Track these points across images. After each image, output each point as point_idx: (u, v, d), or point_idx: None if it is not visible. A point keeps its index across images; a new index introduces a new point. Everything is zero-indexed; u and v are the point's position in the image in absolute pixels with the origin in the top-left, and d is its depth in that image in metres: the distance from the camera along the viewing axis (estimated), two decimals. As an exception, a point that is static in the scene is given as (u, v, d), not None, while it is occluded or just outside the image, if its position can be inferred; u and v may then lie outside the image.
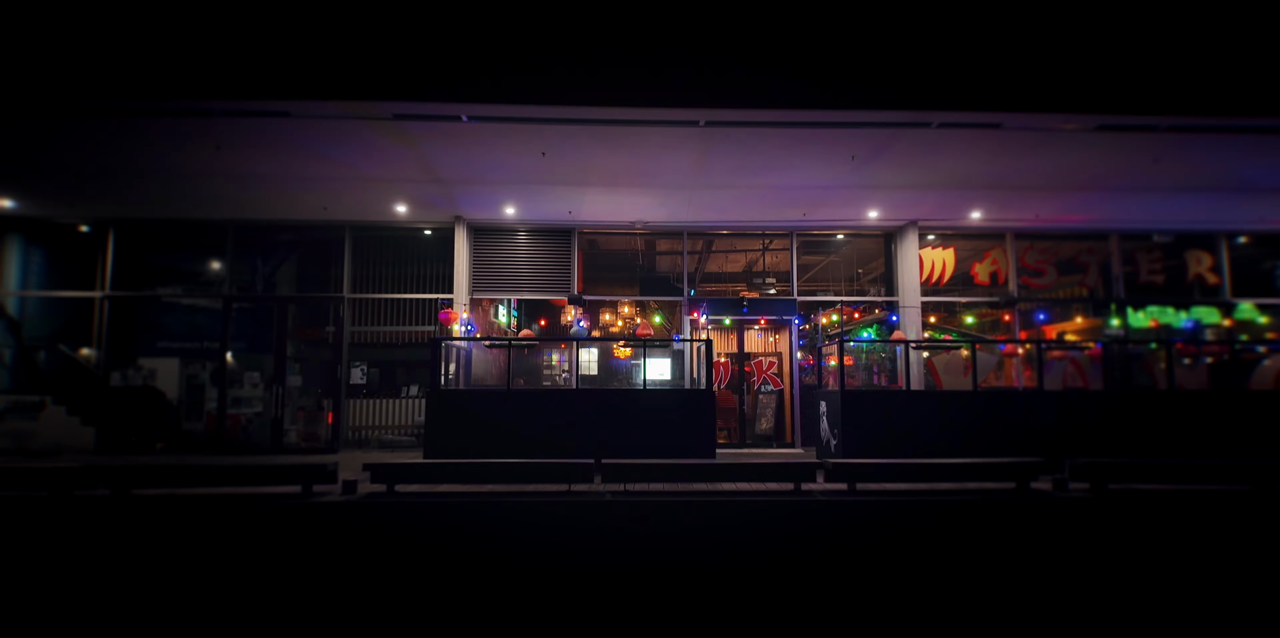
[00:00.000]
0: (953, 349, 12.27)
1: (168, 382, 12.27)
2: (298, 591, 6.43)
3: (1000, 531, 6.85)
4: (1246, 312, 12.86)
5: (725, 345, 13.55)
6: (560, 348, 13.42)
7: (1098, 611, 6.67)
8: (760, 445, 12.60)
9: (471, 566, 6.57)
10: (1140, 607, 6.69)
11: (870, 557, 6.74)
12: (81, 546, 6.46)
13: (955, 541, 6.79)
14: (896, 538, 6.79)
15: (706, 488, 7.56)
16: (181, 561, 6.47)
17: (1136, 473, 7.60)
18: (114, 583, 6.39)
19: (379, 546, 6.56)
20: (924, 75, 8.19)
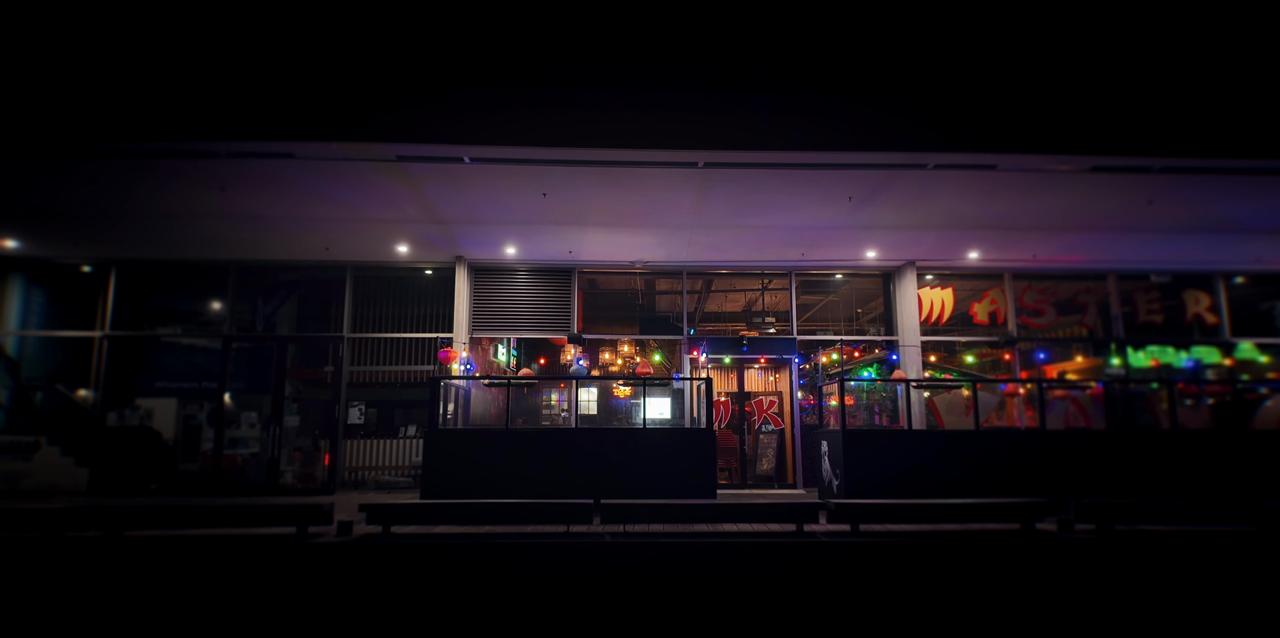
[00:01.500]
0: (954, 389, 12.22)
1: (164, 422, 12.19)
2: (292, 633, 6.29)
3: (1006, 572, 6.73)
4: (1247, 351, 12.84)
5: (725, 385, 13.51)
6: (560, 387, 13.37)
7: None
8: (761, 486, 12.47)
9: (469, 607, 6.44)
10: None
11: (875, 599, 6.61)
12: (73, 587, 6.33)
13: (962, 583, 6.67)
14: (901, 580, 6.66)
15: (708, 529, 7.46)
16: (174, 603, 6.33)
17: (1142, 514, 7.50)
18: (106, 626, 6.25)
19: (375, 588, 6.44)
20: (919, 117, 8.34)
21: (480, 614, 6.43)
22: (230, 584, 6.40)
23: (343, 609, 6.37)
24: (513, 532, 7.18)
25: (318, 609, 6.36)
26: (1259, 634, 6.61)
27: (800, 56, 8.35)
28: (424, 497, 8.95)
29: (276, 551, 6.52)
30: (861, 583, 6.66)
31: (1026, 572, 6.75)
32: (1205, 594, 6.70)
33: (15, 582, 6.34)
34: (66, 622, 6.26)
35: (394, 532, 7.18)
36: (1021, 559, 6.78)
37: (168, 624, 6.28)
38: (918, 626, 6.55)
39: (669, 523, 7.70)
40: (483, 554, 6.58)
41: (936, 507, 7.60)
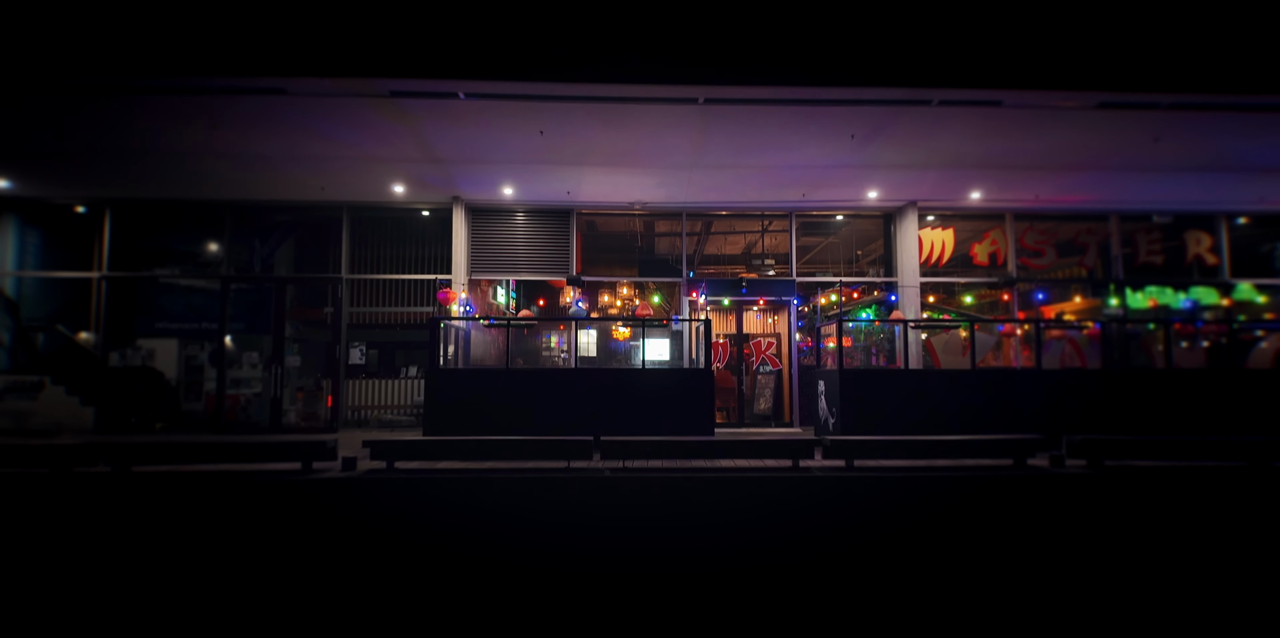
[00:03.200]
0: (951, 329, 12.27)
1: (166, 362, 12.28)
2: (298, 566, 6.47)
3: (996, 506, 6.89)
4: (1245, 292, 12.86)
5: (724, 327, 13.57)
6: (559, 329, 13.42)
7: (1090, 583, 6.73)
8: (758, 425, 12.64)
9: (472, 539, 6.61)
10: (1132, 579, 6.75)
11: (867, 531, 6.79)
12: (82, 521, 6.48)
13: (952, 515, 6.83)
14: (893, 512, 6.82)
15: (705, 465, 7.59)
16: (182, 536, 6.50)
17: (1132, 450, 7.63)
18: (115, 558, 6.42)
19: (380, 520, 6.60)
20: (924, 53, 8.14)
21: (483, 545, 6.61)
22: (237, 518, 6.55)
23: (348, 542, 6.53)
24: (514, 468, 7.32)
25: (323, 542, 6.52)
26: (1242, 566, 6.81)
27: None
28: (426, 435, 9.09)
29: (282, 485, 6.65)
30: (855, 516, 6.82)
31: (1017, 506, 6.91)
32: (1191, 527, 6.88)
33: (26, 516, 6.48)
34: (77, 556, 6.42)
35: (398, 467, 7.31)
36: (1012, 494, 6.93)
37: (176, 557, 6.46)
38: (909, 555, 6.74)
39: (667, 459, 7.83)
40: (486, 488, 6.72)
41: (930, 443, 7.72)
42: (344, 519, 6.58)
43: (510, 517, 6.66)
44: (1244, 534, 6.89)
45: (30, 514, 6.49)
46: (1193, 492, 6.97)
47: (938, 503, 6.85)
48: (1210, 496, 6.98)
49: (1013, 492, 6.93)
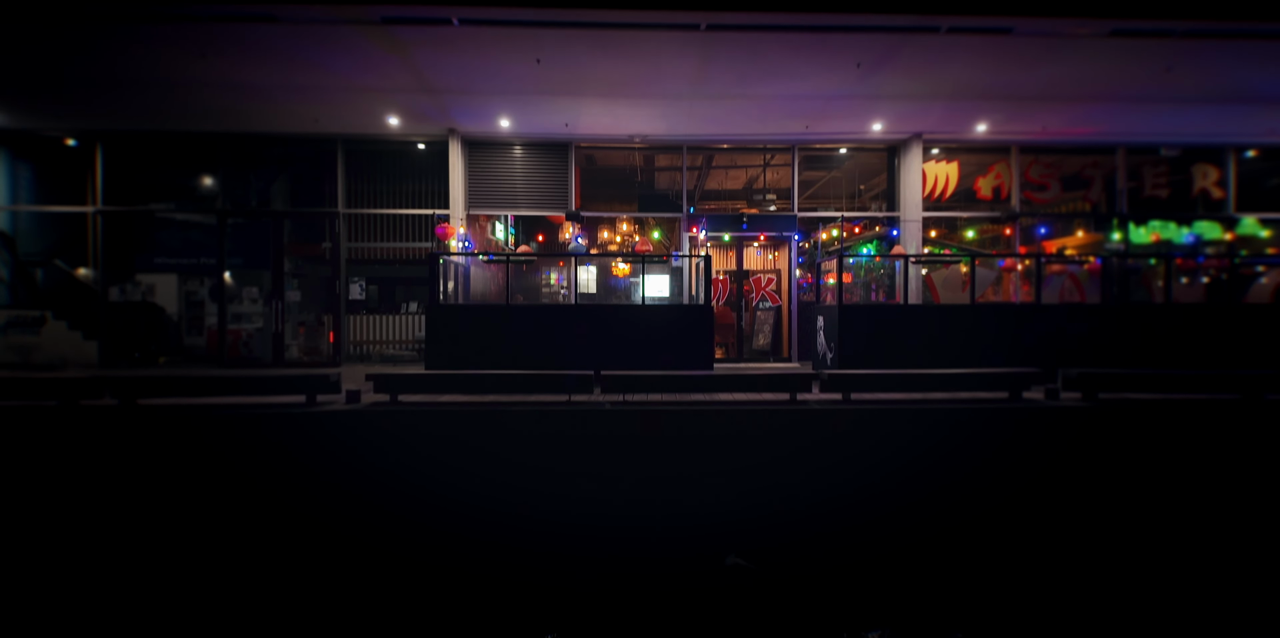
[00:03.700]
0: (952, 264, 12.24)
1: (166, 298, 12.30)
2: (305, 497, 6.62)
3: (990, 436, 7.01)
4: (1249, 226, 12.78)
5: (724, 263, 13.53)
6: (559, 265, 13.38)
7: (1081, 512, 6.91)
8: (757, 360, 12.75)
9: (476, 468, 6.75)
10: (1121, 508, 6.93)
11: (864, 461, 6.92)
12: (90, 452, 6.60)
13: (945, 446, 6.96)
14: (889, 443, 6.95)
15: (704, 398, 7.68)
16: (190, 467, 6.63)
17: (1127, 383, 7.71)
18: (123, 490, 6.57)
19: (384, 451, 6.72)
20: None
21: (487, 474, 6.75)
22: (242, 449, 6.67)
23: (353, 472, 6.67)
24: (516, 401, 7.41)
25: (330, 473, 6.66)
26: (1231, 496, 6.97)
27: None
28: (428, 369, 9.17)
29: (287, 418, 6.74)
30: (851, 447, 6.95)
31: (1010, 437, 7.03)
32: (1182, 458, 7.02)
33: (34, 448, 6.59)
34: (84, 487, 6.57)
35: (401, 401, 7.40)
36: (1006, 425, 7.04)
37: (184, 489, 6.60)
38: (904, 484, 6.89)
39: (667, 393, 7.93)
40: (489, 420, 6.82)
41: (926, 376, 7.80)
42: (349, 451, 6.70)
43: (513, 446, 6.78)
44: (1232, 464, 7.03)
45: (39, 446, 6.60)
46: (1184, 423, 7.08)
47: (931, 435, 6.96)
48: (1201, 427, 7.09)
49: (1006, 424, 7.04)
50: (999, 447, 7.00)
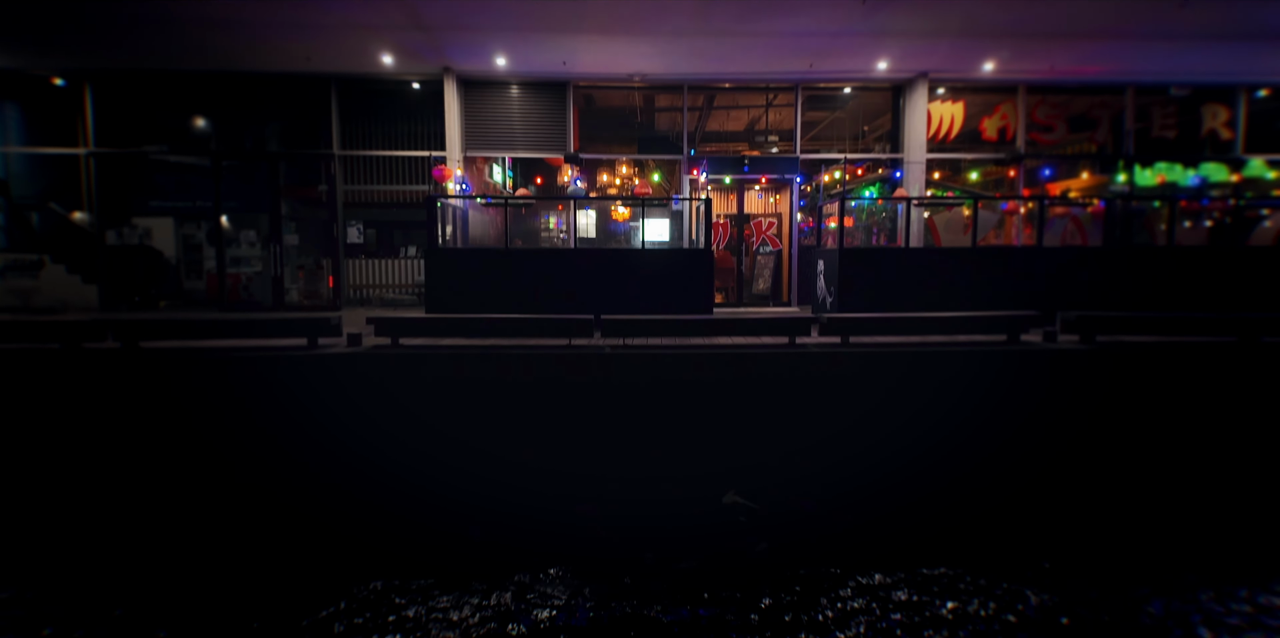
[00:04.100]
0: (954, 206, 12.14)
1: (164, 241, 12.23)
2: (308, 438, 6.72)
3: (986, 379, 7.07)
4: (1256, 168, 12.62)
5: (724, 206, 13.41)
6: (558, 209, 13.27)
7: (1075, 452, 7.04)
8: (757, 305, 12.77)
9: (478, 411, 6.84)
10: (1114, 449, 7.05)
11: (862, 404, 7.01)
12: (93, 395, 6.67)
13: (942, 388, 7.03)
14: (887, 386, 7.01)
15: (703, 342, 7.72)
16: (192, 408, 6.71)
17: (1125, 326, 7.74)
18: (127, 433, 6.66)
19: (386, 394, 6.79)
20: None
21: (489, 417, 6.85)
22: (245, 391, 6.73)
23: (355, 414, 6.76)
24: (517, 345, 7.44)
25: (330, 414, 6.74)
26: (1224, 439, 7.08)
27: None
28: (429, 313, 9.19)
29: (289, 360, 6.79)
30: (849, 390, 7.02)
31: (1006, 379, 7.09)
32: (1175, 399, 7.10)
33: (38, 390, 6.66)
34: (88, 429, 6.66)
35: (402, 344, 7.44)
36: (1002, 367, 7.09)
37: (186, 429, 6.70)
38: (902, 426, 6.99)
39: (666, 337, 7.96)
40: (490, 364, 6.87)
41: (924, 320, 7.82)
42: (350, 393, 6.77)
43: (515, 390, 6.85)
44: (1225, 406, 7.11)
45: (44, 388, 6.66)
46: (1179, 366, 7.13)
47: (929, 377, 7.02)
48: (1196, 369, 7.14)
49: (1002, 366, 7.09)
50: (995, 390, 7.07)
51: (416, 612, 5.27)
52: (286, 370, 6.75)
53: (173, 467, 6.69)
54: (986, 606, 5.35)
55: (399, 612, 5.26)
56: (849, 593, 5.59)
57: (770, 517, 6.47)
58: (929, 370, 7.03)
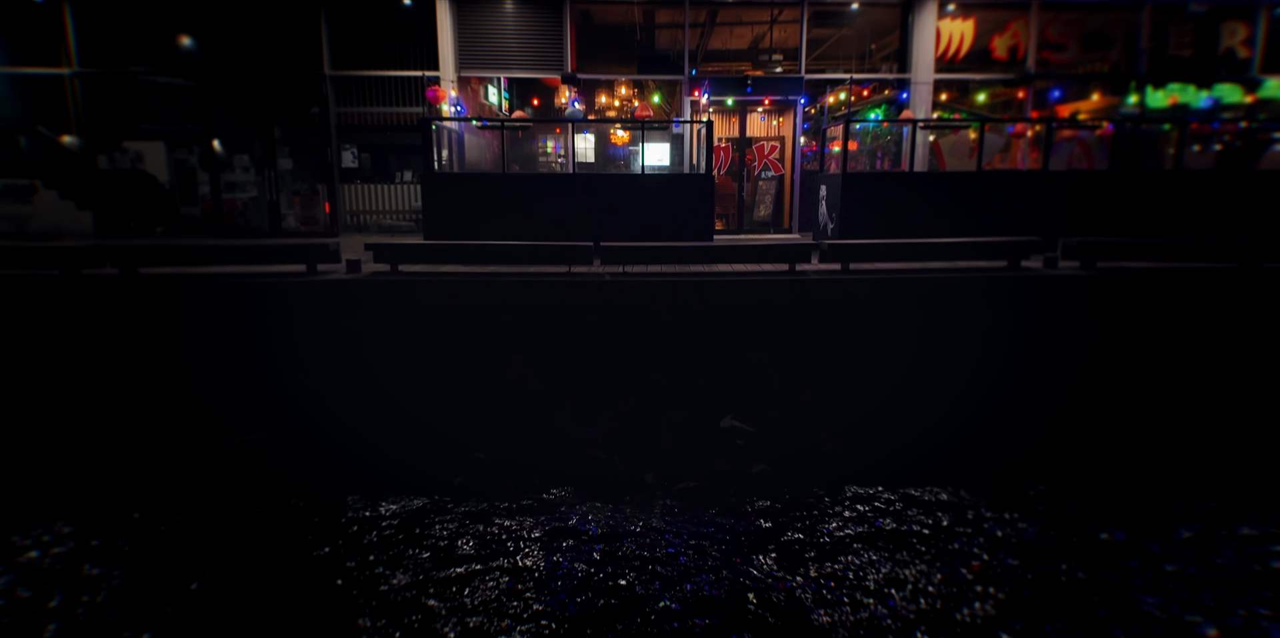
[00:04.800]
0: (960, 129, 11.90)
1: (156, 166, 12.04)
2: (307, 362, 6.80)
3: (984, 306, 7.10)
4: (1272, 88, 12.28)
5: (726, 130, 13.13)
6: (555, 132, 13.01)
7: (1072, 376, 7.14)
8: (758, 231, 12.69)
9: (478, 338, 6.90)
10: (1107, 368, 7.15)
11: (861, 330, 7.06)
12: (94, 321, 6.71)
13: (941, 314, 7.07)
14: (887, 313, 7.05)
15: (703, 269, 7.71)
16: (192, 333, 6.77)
17: (1126, 251, 7.72)
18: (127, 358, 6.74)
19: (387, 320, 6.83)
20: None
21: (490, 344, 6.91)
22: (245, 317, 6.77)
23: (356, 341, 6.82)
24: (516, 272, 7.44)
25: (330, 340, 6.80)
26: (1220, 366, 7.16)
27: None
28: (427, 239, 9.14)
29: (290, 286, 6.80)
30: (848, 317, 7.06)
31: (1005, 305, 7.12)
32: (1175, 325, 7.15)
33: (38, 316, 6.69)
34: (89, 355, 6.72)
35: (401, 270, 7.44)
36: (1001, 293, 7.11)
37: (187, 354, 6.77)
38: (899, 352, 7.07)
39: (666, 264, 7.95)
40: (490, 291, 6.89)
41: (925, 246, 7.79)
42: (350, 319, 6.81)
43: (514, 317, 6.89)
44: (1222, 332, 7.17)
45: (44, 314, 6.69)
46: (1178, 292, 7.15)
47: (927, 304, 7.05)
48: (1194, 295, 7.16)
49: (999, 293, 7.11)
50: (993, 316, 7.11)
51: (422, 527, 5.47)
52: (287, 297, 6.77)
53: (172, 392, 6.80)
54: (975, 522, 5.55)
55: (405, 526, 5.46)
56: (840, 509, 5.79)
57: (767, 440, 6.62)
58: (927, 297, 7.06)
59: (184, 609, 4.49)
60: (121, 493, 6.02)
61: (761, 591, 4.64)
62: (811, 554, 5.13)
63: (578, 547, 5.22)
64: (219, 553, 5.15)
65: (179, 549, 5.20)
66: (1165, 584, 4.75)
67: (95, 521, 5.59)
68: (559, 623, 4.32)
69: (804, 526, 5.55)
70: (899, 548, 5.22)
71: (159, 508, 5.78)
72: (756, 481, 6.14)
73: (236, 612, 4.45)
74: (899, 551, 5.19)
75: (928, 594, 4.65)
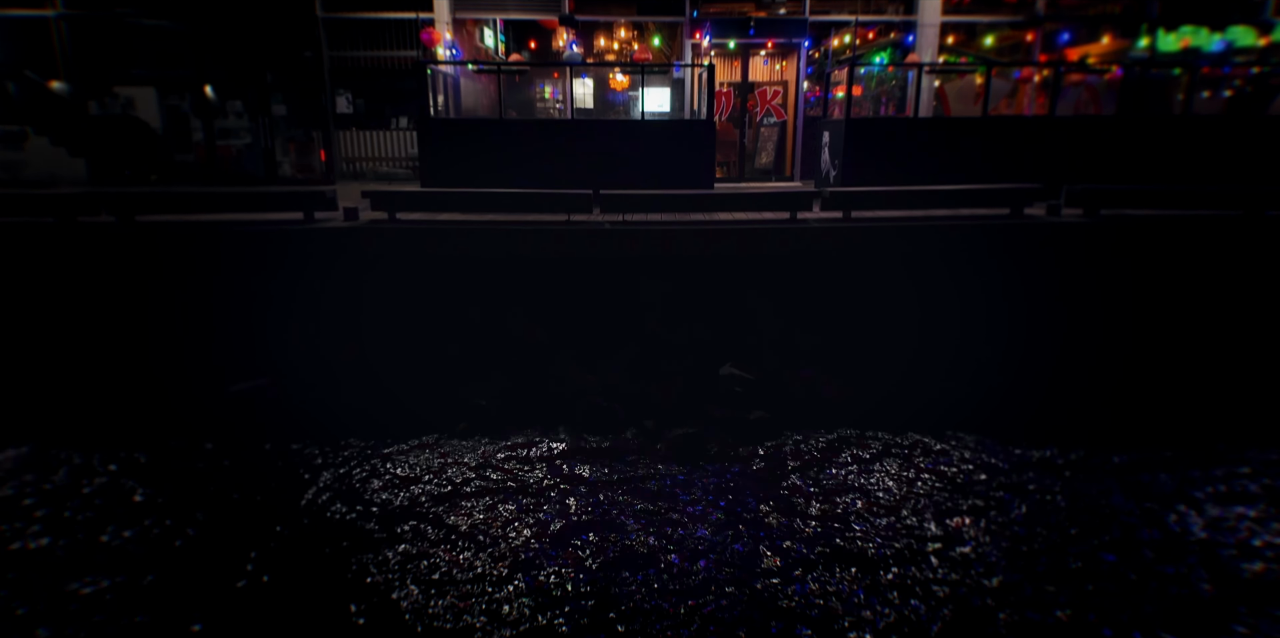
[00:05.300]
0: (967, 74, 11.66)
1: (147, 112, 11.82)
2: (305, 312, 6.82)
3: (984, 254, 7.08)
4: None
5: (728, 74, 12.86)
6: (553, 77, 12.74)
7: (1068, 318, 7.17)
8: (759, 179, 12.55)
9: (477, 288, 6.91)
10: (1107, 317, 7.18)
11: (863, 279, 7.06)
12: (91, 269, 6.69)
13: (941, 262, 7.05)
14: (889, 261, 7.03)
15: (704, 218, 7.66)
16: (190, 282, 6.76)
17: (1131, 199, 7.66)
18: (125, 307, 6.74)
19: (385, 268, 6.82)
20: None
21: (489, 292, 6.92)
22: (243, 265, 6.75)
23: (355, 289, 6.81)
24: (515, 220, 7.38)
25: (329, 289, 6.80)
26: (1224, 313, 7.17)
27: None
28: (424, 187, 9.05)
29: (287, 234, 6.76)
30: (848, 265, 7.04)
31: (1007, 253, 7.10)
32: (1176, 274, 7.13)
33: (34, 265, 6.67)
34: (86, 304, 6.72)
35: (400, 218, 7.38)
36: (1003, 241, 7.08)
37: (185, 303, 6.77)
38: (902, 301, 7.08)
39: (666, 212, 7.88)
40: (489, 239, 6.85)
41: (927, 193, 7.72)
42: (348, 268, 6.79)
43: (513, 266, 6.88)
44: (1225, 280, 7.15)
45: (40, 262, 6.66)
46: (1179, 240, 7.11)
47: (927, 252, 7.03)
48: (1196, 243, 7.13)
49: (1000, 241, 7.08)
50: (993, 265, 7.09)
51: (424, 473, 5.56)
52: (286, 245, 6.74)
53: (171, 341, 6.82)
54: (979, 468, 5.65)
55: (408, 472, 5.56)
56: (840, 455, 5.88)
57: (766, 388, 6.68)
58: (928, 245, 7.03)
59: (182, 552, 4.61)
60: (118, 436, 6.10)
61: (762, 539, 4.75)
62: (811, 498, 5.23)
63: (578, 493, 5.32)
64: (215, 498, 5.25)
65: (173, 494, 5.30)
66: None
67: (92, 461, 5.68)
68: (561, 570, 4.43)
69: (803, 471, 5.64)
70: (897, 489, 5.33)
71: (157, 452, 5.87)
72: (756, 427, 6.21)
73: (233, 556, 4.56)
74: (897, 492, 5.29)
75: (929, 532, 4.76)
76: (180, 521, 4.91)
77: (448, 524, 4.88)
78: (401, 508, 5.09)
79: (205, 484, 5.42)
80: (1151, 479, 5.46)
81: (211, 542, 4.69)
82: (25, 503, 5.12)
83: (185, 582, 4.28)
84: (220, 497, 5.24)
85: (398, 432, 6.16)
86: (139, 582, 4.26)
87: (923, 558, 4.51)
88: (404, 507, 5.10)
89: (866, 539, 4.70)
